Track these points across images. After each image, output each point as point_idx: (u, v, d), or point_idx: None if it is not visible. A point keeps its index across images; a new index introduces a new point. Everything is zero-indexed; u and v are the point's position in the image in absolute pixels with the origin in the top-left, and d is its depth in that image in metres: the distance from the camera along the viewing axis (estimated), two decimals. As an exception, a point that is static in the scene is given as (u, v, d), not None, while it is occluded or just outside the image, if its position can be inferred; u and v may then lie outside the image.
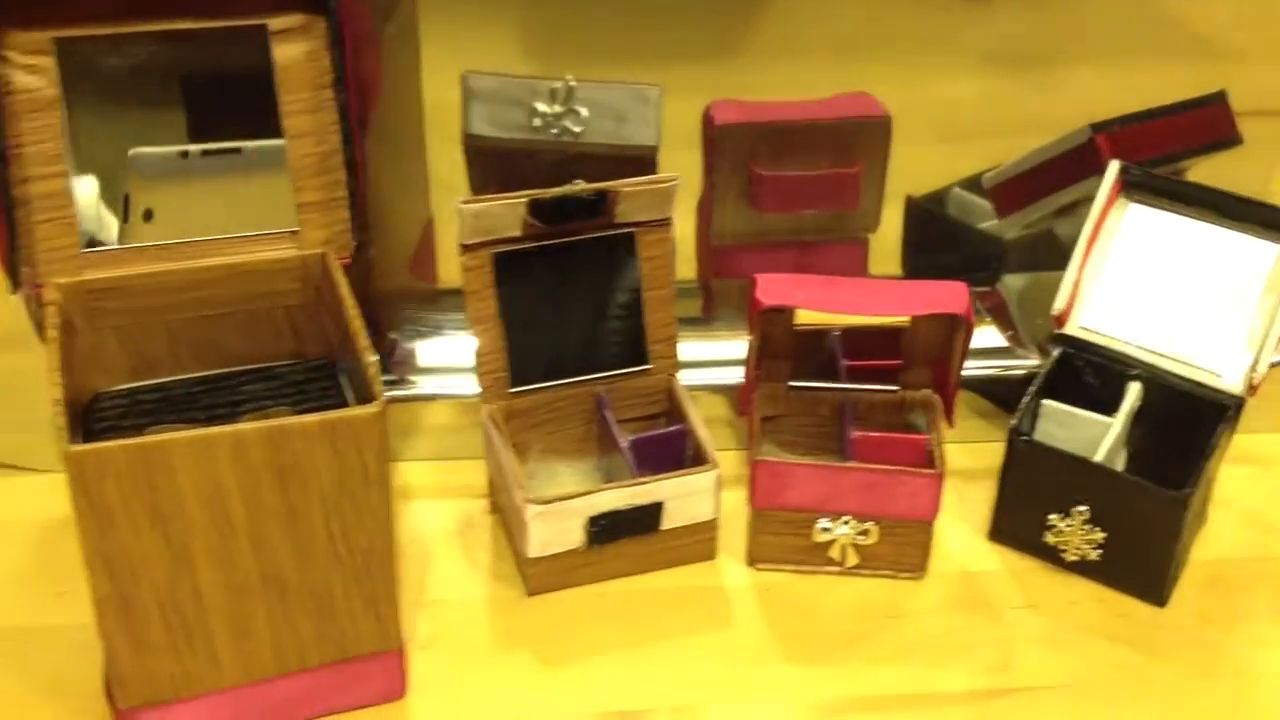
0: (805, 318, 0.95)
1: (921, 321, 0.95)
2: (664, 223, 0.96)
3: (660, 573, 0.96)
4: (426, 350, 1.10)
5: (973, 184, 1.18)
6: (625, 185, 0.92)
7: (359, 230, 0.87)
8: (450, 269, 1.13)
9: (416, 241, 1.17)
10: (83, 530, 0.74)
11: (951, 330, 0.94)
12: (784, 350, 0.97)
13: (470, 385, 1.05)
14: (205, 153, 0.88)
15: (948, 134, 1.19)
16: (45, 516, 0.99)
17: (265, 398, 0.88)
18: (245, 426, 0.74)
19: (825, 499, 0.92)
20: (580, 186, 0.92)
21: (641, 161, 1.04)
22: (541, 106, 1.03)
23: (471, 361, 0.97)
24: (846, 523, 0.93)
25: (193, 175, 0.87)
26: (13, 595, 0.93)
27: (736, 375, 1.07)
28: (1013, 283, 1.14)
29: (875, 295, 0.93)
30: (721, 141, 1.07)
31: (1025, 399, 0.94)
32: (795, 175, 1.08)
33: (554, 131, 1.03)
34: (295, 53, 0.87)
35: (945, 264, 1.14)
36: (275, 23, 0.86)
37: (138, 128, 0.86)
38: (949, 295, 0.91)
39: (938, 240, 1.16)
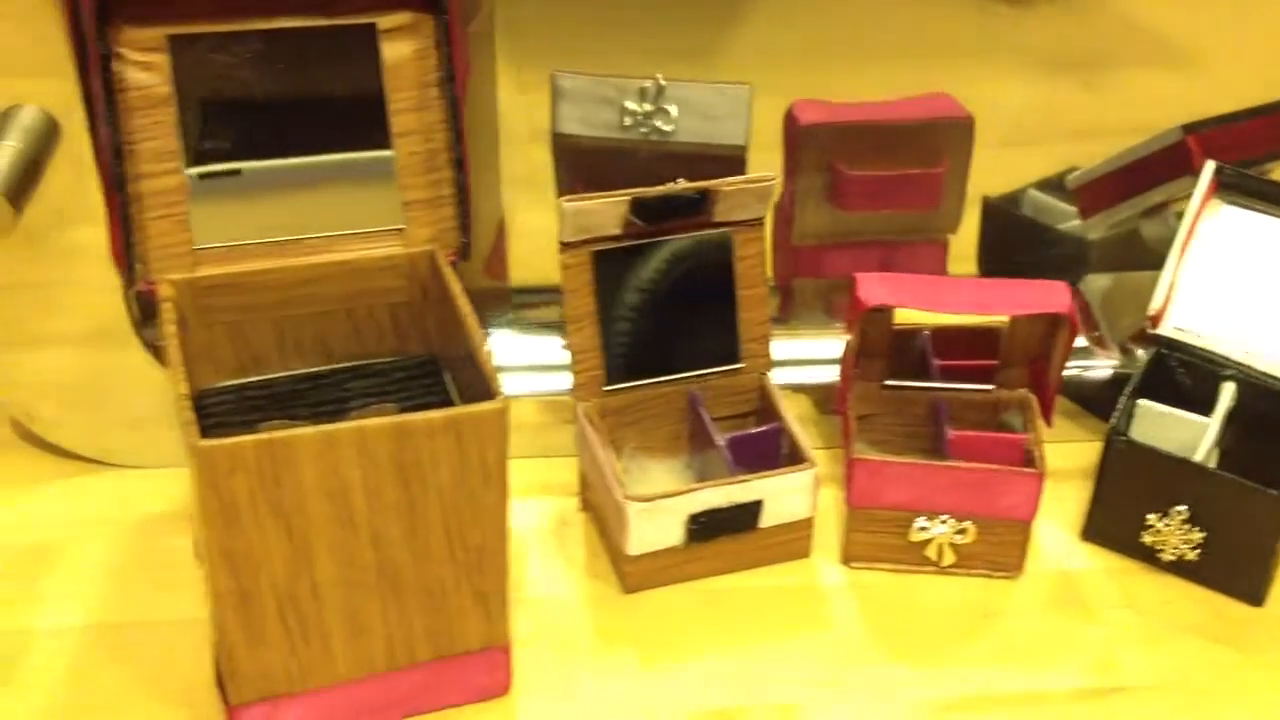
0: (905, 317, 0.96)
1: (1020, 321, 0.95)
2: (758, 222, 0.97)
3: (756, 570, 0.96)
4: (502, 348, 1.11)
5: (1048, 185, 1.19)
6: (725, 184, 0.92)
7: (465, 229, 0.87)
8: (520, 269, 1.15)
9: (491, 241, 1.18)
10: (208, 526, 0.75)
11: (1050, 330, 0.94)
12: (878, 349, 0.97)
13: (551, 383, 1.05)
14: (308, 154, 0.88)
15: (1011, 138, 1.19)
16: (138, 512, 0.99)
17: (371, 394, 0.88)
18: (371, 422, 0.74)
19: (924, 498, 0.92)
20: (682, 185, 0.92)
21: (731, 161, 1.04)
22: (631, 105, 1.03)
23: (549, 359, 0.97)
24: (944, 522, 0.93)
25: (298, 173, 0.87)
26: (110, 590, 0.93)
27: (816, 375, 1.08)
28: (1096, 283, 1.14)
29: (977, 295, 0.93)
30: (805, 141, 1.08)
31: (1121, 399, 0.95)
32: (881, 175, 1.08)
33: (644, 130, 1.04)
34: (404, 51, 0.87)
35: (1024, 264, 1.14)
36: (385, 21, 0.86)
37: (244, 126, 0.87)
38: (1052, 295, 0.92)
39: (1017, 241, 1.17)
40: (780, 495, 0.92)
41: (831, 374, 1.04)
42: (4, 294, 0.96)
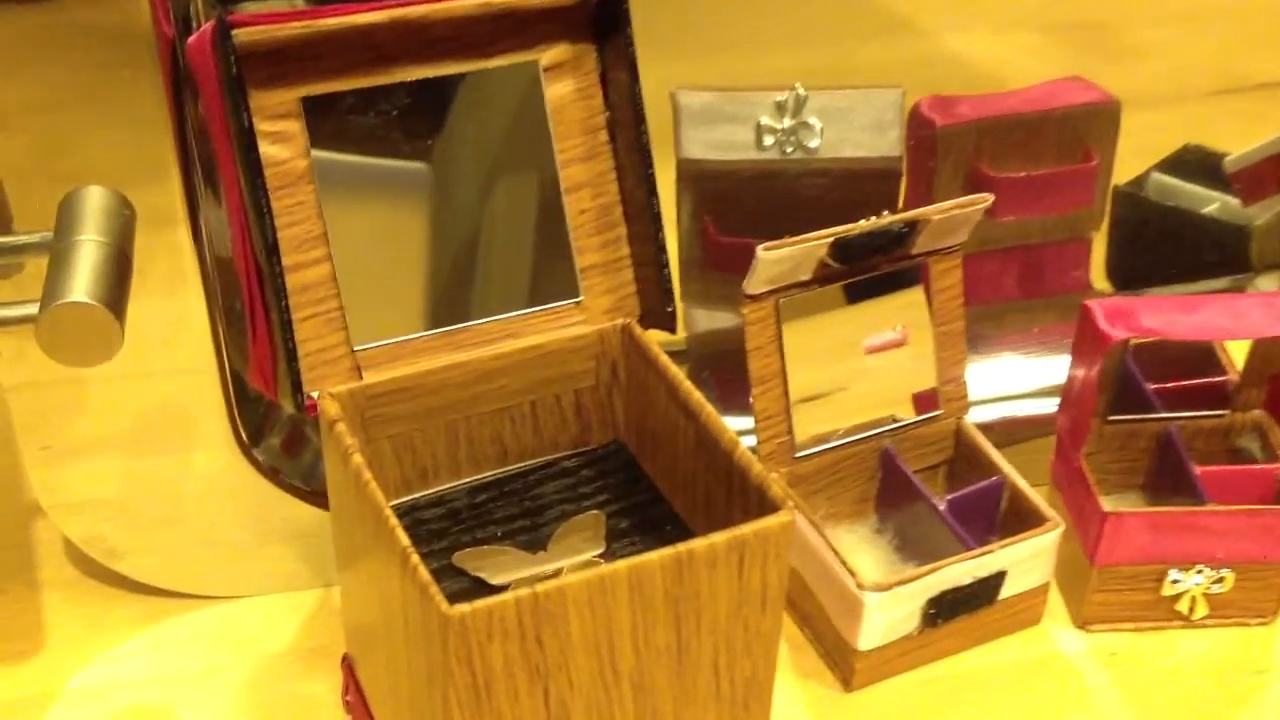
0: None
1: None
2: (955, 250, 0.84)
3: (986, 646, 0.84)
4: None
5: (1173, 166, 1.08)
6: (936, 211, 0.80)
7: (667, 295, 0.73)
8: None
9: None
10: (457, 705, 0.60)
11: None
12: (1101, 383, 0.86)
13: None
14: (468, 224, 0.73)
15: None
16: (255, 655, 0.84)
17: (566, 500, 0.74)
18: (647, 558, 0.60)
19: (1182, 548, 0.81)
20: (888, 218, 0.79)
21: (886, 175, 0.92)
22: (769, 121, 0.90)
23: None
24: (1200, 571, 0.82)
25: (460, 248, 0.73)
26: (248, 757, 0.78)
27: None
28: (1265, 284, 1.04)
29: (1231, 314, 0.82)
30: (944, 144, 0.96)
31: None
32: (1030, 175, 0.97)
33: (788, 149, 0.91)
34: (566, 91, 0.73)
35: (1167, 259, 1.04)
36: (546, 57, 0.72)
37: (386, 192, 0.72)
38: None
39: (1160, 233, 1.06)
40: (1023, 563, 0.81)
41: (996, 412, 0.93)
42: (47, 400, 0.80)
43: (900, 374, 0.86)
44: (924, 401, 0.87)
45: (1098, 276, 1.01)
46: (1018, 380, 0.96)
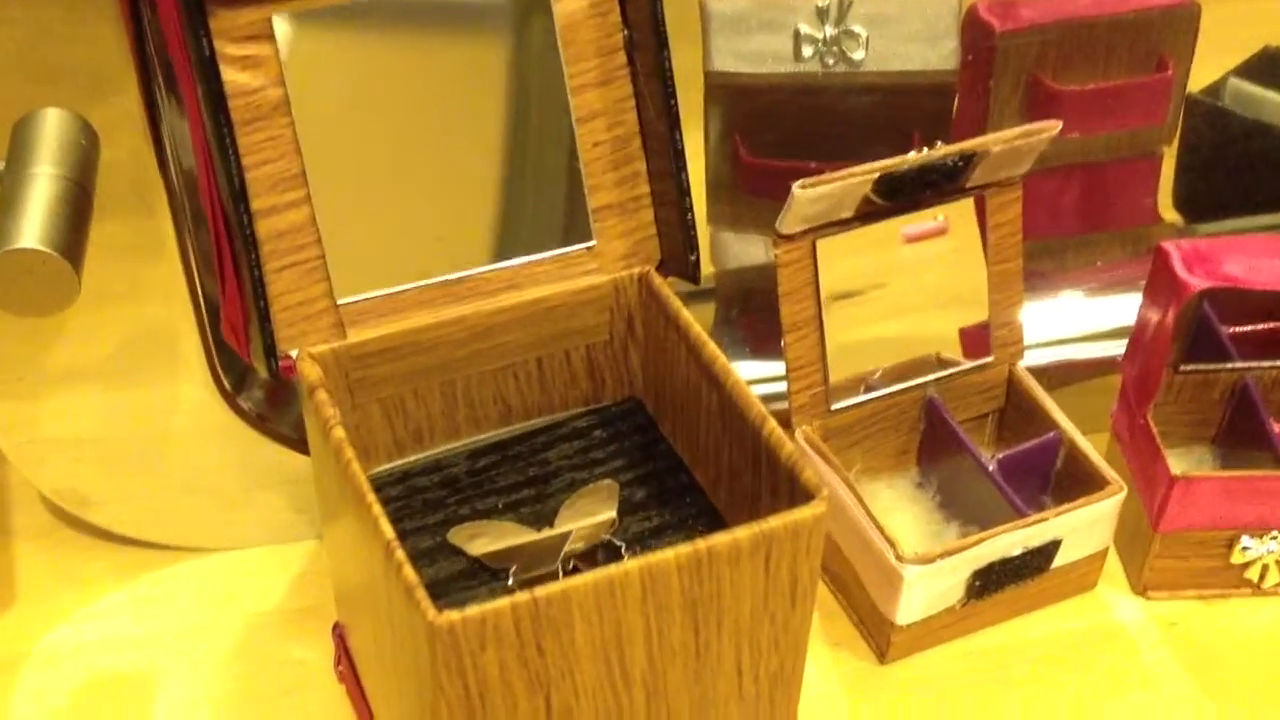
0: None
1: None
2: (1014, 182, 0.76)
3: (1036, 615, 0.77)
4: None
5: (1253, 71, 0.98)
6: (995, 142, 0.71)
7: (690, 244, 0.65)
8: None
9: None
10: (448, 716, 0.54)
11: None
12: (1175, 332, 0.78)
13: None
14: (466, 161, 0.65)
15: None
16: (240, 614, 0.78)
17: (576, 467, 0.67)
18: (662, 557, 0.53)
19: (1259, 514, 0.74)
20: (941, 150, 0.71)
21: (939, 91, 0.83)
22: (807, 29, 0.81)
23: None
24: (1275, 538, 0.75)
25: (457, 188, 0.65)
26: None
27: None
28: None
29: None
30: (1002, 52, 0.86)
31: None
32: (1099, 88, 0.87)
33: (829, 61, 0.81)
34: (578, 6, 0.64)
35: (1250, 183, 0.95)
36: (555, -34, 0.63)
37: (383, 130, 0.63)
38: None
39: (1239, 152, 0.96)
40: (1080, 530, 0.73)
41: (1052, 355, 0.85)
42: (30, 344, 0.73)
43: (948, 309, 0.78)
44: (973, 344, 0.79)
45: (1165, 206, 0.92)
46: (1078, 321, 0.88)
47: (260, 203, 0.60)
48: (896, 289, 0.78)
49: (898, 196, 0.72)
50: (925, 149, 0.71)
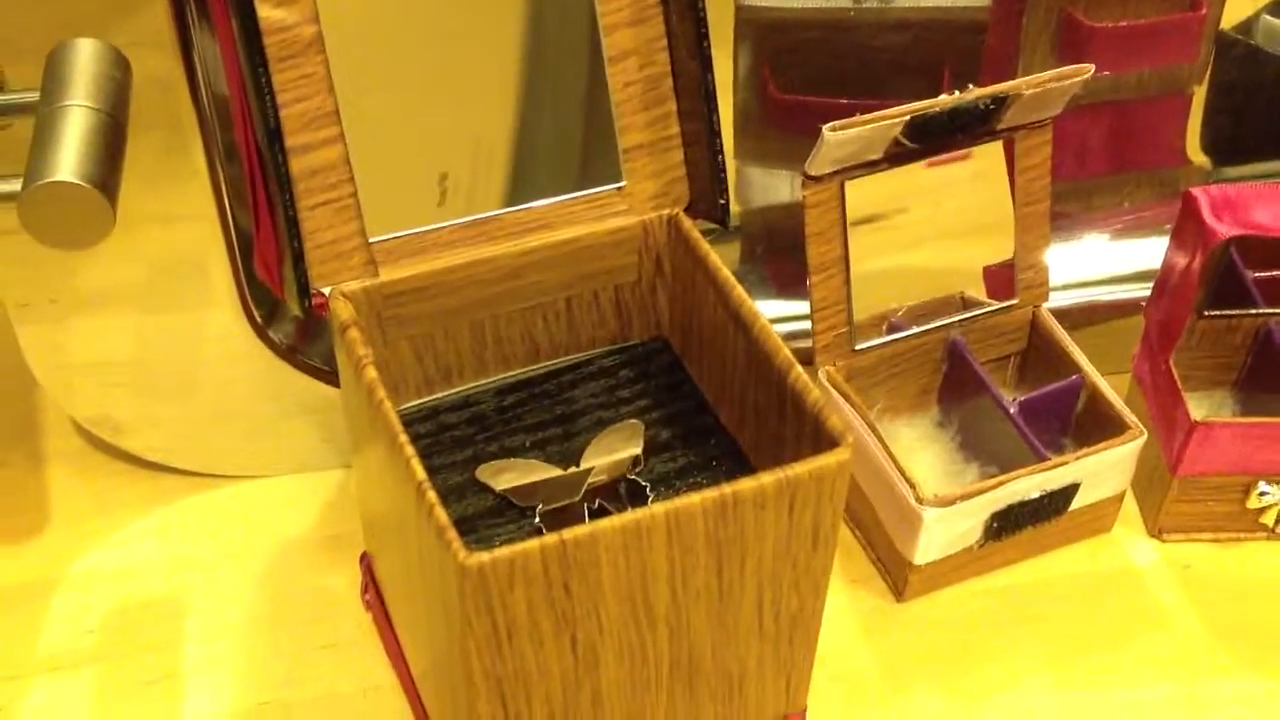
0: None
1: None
2: (1045, 124, 0.76)
3: (1052, 555, 0.78)
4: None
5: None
6: (1029, 85, 0.71)
7: (720, 188, 0.65)
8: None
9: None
10: (476, 654, 0.55)
11: None
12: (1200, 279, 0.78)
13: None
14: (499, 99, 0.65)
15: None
16: (269, 542, 0.79)
17: (603, 406, 0.68)
18: (688, 501, 0.54)
19: (1277, 461, 0.74)
20: (973, 93, 0.71)
21: (972, 28, 0.83)
22: (841, -37, 0.81)
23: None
24: (1291, 485, 0.76)
25: (488, 126, 0.65)
26: (264, 657, 0.73)
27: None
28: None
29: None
30: (1035, -16, 0.86)
31: None
32: (1132, 25, 0.87)
33: (864, -4, 0.81)
34: (611, -59, 0.64)
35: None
36: (587, -99, 0.63)
37: (415, 69, 0.63)
38: None
39: (1273, 92, 0.95)
40: (1099, 474, 0.74)
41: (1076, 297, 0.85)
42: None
43: (973, 241, 0.78)
44: (997, 284, 0.80)
45: (1193, 148, 0.92)
46: (1102, 264, 0.88)
47: (294, 140, 0.60)
48: (922, 215, 0.78)
49: (927, 139, 0.72)
50: (956, 90, 0.71)
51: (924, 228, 0.78)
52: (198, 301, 0.76)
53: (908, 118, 0.70)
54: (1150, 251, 0.82)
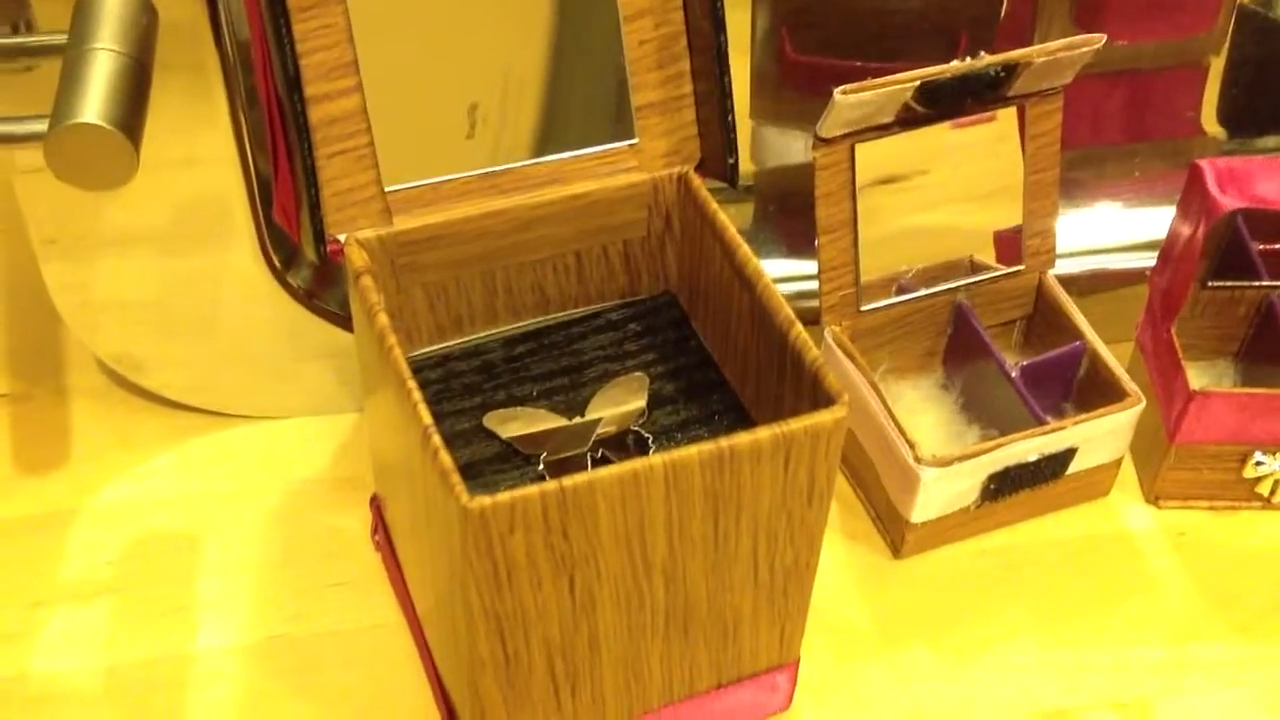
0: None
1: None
2: (1056, 92, 0.76)
3: (1048, 518, 0.80)
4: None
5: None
6: (1040, 53, 0.72)
7: (730, 146, 0.66)
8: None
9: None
10: (476, 593, 0.57)
11: None
12: (1205, 249, 0.79)
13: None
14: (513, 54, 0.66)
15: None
16: (284, 481, 0.81)
17: (610, 358, 0.69)
18: (686, 453, 0.56)
19: (1273, 431, 0.75)
20: (985, 60, 0.71)
21: (988, -2, 0.83)
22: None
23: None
24: (1287, 456, 0.77)
25: (504, 82, 0.66)
26: (275, 592, 0.76)
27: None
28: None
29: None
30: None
31: None
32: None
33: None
34: (630, -100, 0.65)
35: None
36: None
37: (433, 23, 0.65)
38: None
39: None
40: (1097, 440, 0.75)
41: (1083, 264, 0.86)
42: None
43: (983, 206, 0.79)
44: (1007, 249, 0.81)
45: (1208, 119, 0.92)
46: (1112, 232, 0.89)
47: (313, 89, 0.62)
48: (942, 176, 0.79)
49: (938, 104, 0.73)
50: (968, 57, 0.71)
51: (942, 190, 0.79)
52: (218, 245, 0.77)
53: (918, 82, 0.71)
54: (1161, 221, 0.83)
